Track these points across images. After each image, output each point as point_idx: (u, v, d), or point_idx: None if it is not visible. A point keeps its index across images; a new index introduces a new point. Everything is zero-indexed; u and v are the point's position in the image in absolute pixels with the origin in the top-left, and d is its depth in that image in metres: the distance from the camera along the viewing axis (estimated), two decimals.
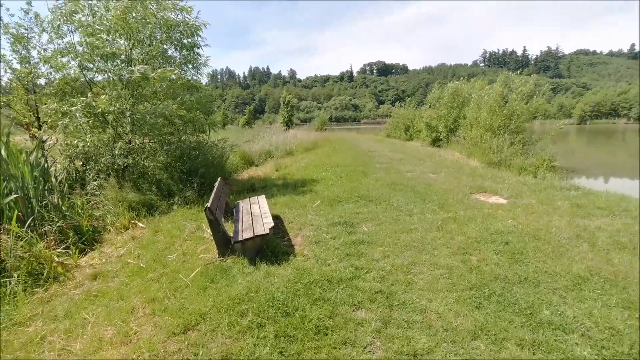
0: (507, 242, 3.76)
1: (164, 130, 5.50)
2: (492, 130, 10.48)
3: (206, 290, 2.87)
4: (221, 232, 3.27)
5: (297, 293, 2.81)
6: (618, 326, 2.28)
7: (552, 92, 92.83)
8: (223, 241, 3.33)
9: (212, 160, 6.80)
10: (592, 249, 3.53)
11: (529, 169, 8.62)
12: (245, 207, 4.35)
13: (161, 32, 5.40)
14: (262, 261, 3.38)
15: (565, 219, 4.45)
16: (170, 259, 3.54)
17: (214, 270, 3.19)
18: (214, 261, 3.37)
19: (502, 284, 2.89)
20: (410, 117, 20.20)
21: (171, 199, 5.35)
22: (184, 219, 4.80)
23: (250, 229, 3.54)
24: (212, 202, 3.30)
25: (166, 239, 4.12)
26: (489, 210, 4.96)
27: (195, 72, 6.37)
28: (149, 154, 5.51)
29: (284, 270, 3.25)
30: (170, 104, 4.91)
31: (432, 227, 4.30)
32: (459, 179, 7.18)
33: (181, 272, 3.21)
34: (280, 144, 12.94)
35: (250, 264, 3.33)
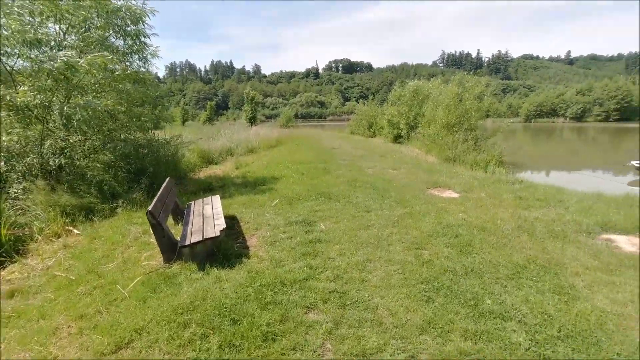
0: (457, 235, 3.91)
1: (106, 126, 5.00)
2: (448, 127, 11.00)
3: (146, 301, 2.64)
4: (166, 236, 3.03)
5: (248, 298, 2.68)
6: (549, 311, 2.44)
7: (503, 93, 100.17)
8: (168, 246, 3.10)
9: (165, 159, 6.36)
10: (531, 238, 3.78)
11: (480, 164, 9.18)
12: (197, 209, 4.11)
13: (98, 16, 4.88)
14: (213, 266, 3.20)
15: (509, 211, 4.75)
16: (108, 268, 3.22)
17: (157, 279, 2.95)
18: (158, 268, 3.12)
19: (450, 277, 2.98)
20: (373, 115, 20.66)
21: (115, 201, 4.91)
22: (129, 223, 4.42)
23: (200, 232, 3.33)
24: (156, 205, 3.05)
25: (105, 246, 3.76)
26: (442, 205, 5.16)
27: (143, 63, 5.88)
28: (89, 153, 4.98)
29: (235, 274, 3.10)
30: (107, 98, 4.45)
31: (388, 223, 4.37)
32: (416, 175, 7.43)
33: (119, 282, 2.93)
34: (242, 141, 12.55)
35: (199, 270, 3.13)
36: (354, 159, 10.10)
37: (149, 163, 5.76)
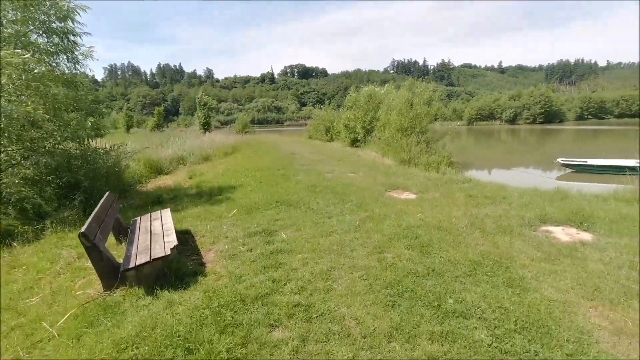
0: (417, 236, 4.00)
1: (27, 135, 4.32)
2: (401, 131, 11.49)
3: (81, 338, 2.27)
4: (105, 259, 2.65)
5: (204, 322, 2.44)
6: (505, 304, 2.55)
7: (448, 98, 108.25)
8: (109, 270, 2.72)
9: (104, 171, 5.70)
10: (483, 234, 4.00)
11: (433, 165, 9.69)
12: (144, 225, 3.71)
13: (14, 8, 4.23)
14: (164, 288, 2.88)
15: (461, 210, 5.00)
16: (31, 302, 2.74)
17: (95, 310, 2.57)
18: (96, 298, 2.72)
19: (413, 279, 3.01)
20: (330, 119, 20.94)
21: (41, 222, 4.26)
22: (60, 246, 3.85)
23: (147, 252, 2.99)
24: (90, 225, 2.66)
25: (28, 276, 3.21)
26: (401, 207, 5.29)
27: (73, 64, 5.23)
28: (5, 167, 4.25)
29: (190, 295, 2.82)
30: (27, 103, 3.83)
31: (350, 228, 4.34)
32: (375, 178, 7.58)
33: (46, 319, 2.50)
34: (195, 148, 11.87)
35: (147, 294, 2.80)
36: (313, 164, 10.07)
37: (85, 176, 5.11)
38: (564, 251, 3.46)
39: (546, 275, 2.99)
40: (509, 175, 12.76)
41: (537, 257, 3.35)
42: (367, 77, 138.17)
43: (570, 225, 4.24)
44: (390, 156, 11.05)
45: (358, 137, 15.97)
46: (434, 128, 14.50)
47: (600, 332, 2.24)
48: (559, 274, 3.00)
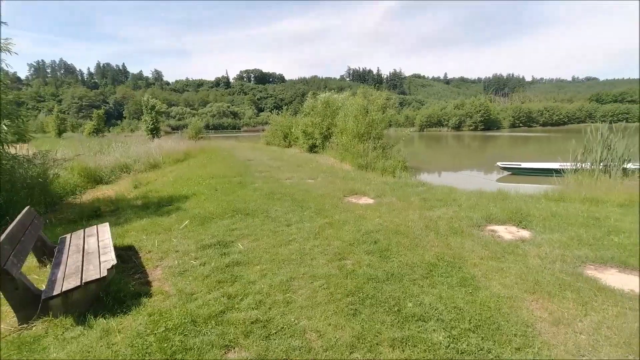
0: (376, 241, 4.04)
1: None
2: (358, 136, 11.76)
3: None
4: (20, 288, 2.25)
5: (149, 350, 2.17)
6: (460, 304, 2.64)
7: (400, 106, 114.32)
8: (26, 300, 2.31)
9: (25, 182, 4.95)
10: (437, 236, 4.16)
11: (389, 170, 10.03)
12: (76, 243, 3.25)
13: None
14: (99, 315, 2.53)
15: (417, 213, 5.19)
16: None
17: (6, 350, 2.15)
18: (7, 334, 2.29)
19: (374, 284, 3.01)
20: (288, 125, 20.83)
21: None
22: None
23: (77, 274, 2.60)
24: (1, 247, 2.24)
25: None
26: (360, 212, 5.34)
27: None
28: None
29: (132, 320, 2.51)
30: None
31: (310, 236, 4.26)
32: (334, 183, 7.62)
33: None
34: (142, 155, 10.96)
35: (78, 324, 2.43)
36: (271, 171, 9.86)
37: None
38: (508, 249, 3.72)
39: (494, 273, 3.17)
40: (457, 178, 13.71)
41: (485, 256, 3.55)
42: (324, 84, 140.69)
43: (512, 224, 4.60)
44: (348, 161, 11.24)
45: (316, 143, 16.06)
46: (389, 134, 15.14)
47: (541, 324, 2.40)
48: (505, 270, 3.20)
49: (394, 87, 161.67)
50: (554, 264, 3.29)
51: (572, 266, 3.23)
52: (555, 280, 2.97)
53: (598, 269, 3.22)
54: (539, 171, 12.23)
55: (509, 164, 13.72)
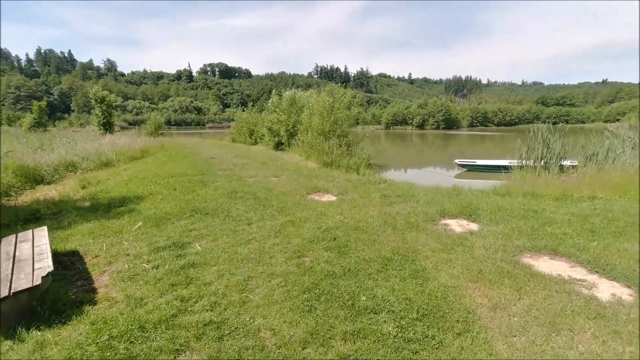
0: (335, 237, 4.11)
1: None
2: (323, 134, 11.85)
3: None
4: None
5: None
6: (410, 295, 2.78)
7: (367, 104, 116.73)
8: None
9: None
10: (394, 231, 4.33)
11: (353, 167, 10.21)
12: (6, 250, 2.95)
13: None
14: (32, 327, 2.33)
15: (377, 209, 5.36)
16: None
17: None
18: None
19: (330, 280, 3.07)
20: (254, 122, 20.45)
21: None
22: None
23: (5, 284, 2.37)
24: None
25: None
26: (322, 209, 5.40)
27: None
28: None
29: (71, 330, 2.35)
30: None
31: (270, 234, 4.24)
32: (298, 181, 7.62)
33: None
34: (91, 152, 10.15)
35: (7, 338, 2.22)
36: (235, 169, 9.64)
37: None
38: (457, 241, 3.97)
39: (443, 264, 3.37)
40: (420, 175, 14.34)
41: (437, 248, 3.76)
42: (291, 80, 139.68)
43: (463, 218, 4.91)
44: (314, 159, 11.30)
45: (282, 140, 15.93)
46: (356, 131, 15.43)
47: (481, 310, 2.61)
48: (453, 261, 3.42)
49: (361, 85, 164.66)
50: (496, 253, 3.57)
51: (511, 255, 3.53)
52: (496, 268, 3.23)
53: (533, 256, 3.54)
54: (491, 168, 13.13)
55: (465, 161, 14.59)
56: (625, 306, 2.56)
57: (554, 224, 4.42)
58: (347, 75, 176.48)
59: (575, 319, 2.44)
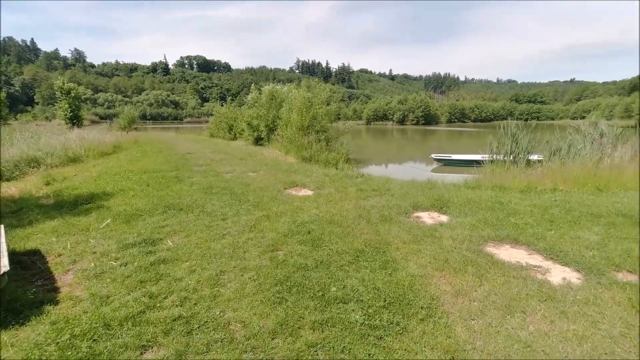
0: (310, 231, 4.16)
1: None
2: (303, 129, 11.83)
3: None
4: None
5: None
6: (379, 285, 2.88)
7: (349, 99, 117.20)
8: None
9: None
10: (368, 224, 4.43)
11: (332, 162, 10.29)
12: None
13: None
14: None
15: (352, 203, 5.44)
16: None
17: None
18: None
19: (303, 273, 3.11)
20: (233, 117, 20.08)
21: None
22: None
23: None
24: None
25: None
26: (298, 203, 5.42)
27: None
28: None
29: (30, 331, 2.27)
30: None
31: (245, 229, 4.23)
32: (275, 176, 7.60)
33: None
34: (57, 147, 9.65)
35: None
36: (212, 164, 9.47)
37: None
38: (427, 232, 4.11)
39: (412, 255, 3.49)
40: (398, 169, 14.65)
41: (407, 240, 3.88)
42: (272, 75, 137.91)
43: (434, 210, 5.08)
44: (293, 154, 11.28)
45: (262, 135, 15.77)
46: (337, 127, 15.49)
47: (445, 296, 2.74)
48: (422, 252, 3.55)
49: (342, 80, 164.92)
50: (462, 243, 3.73)
51: (476, 245, 3.70)
52: (461, 258, 3.38)
53: (496, 245, 3.74)
54: (465, 162, 13.61)
55: (441, 156, 15.02)
56: (573, 289, 2.77)
57: (517, 214, 4.66)
58: (329, 70, 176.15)
59: (528, 302, 2.61)
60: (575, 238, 3.74)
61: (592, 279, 2.91)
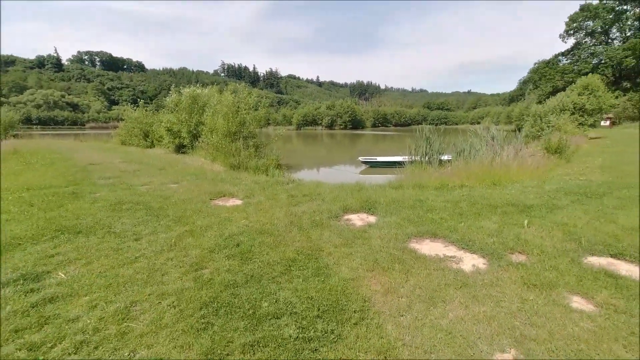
0: (239, 243, 3.89)
1: None
2: (230, 135, 11.26)
3: None
4: None
5: None
6: (312, 294, 2.81)
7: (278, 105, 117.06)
8: None
9: None
10: (300, 231, 4.35)
11: (262, 169, 10.00)
12: None
13: None
14: None
15: (283, 210, 5.31)
16: None
17: None
18: None
19: (231, 290, 2.87)
20: (149, 122, 18.07)
21: None
22: None
23: None
24: None
25: None
26: (226, 215, 5.07)
27: None
28: None
29: None
30: None
31: (164, 248, 3.75)
32: (200, 186, 7.02)
33: None
34: None
35: None
36: (123, 176, 8.30)
37: None
38: (357, 234, 4.22)
39: (344, 258, 3.53)
40: (329, 173, 15.03)
41: (339, 244, 3.92)
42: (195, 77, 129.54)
43: (363, 212, 5.27)
44: (220, 162, 10.63)
45: (184, 142, 14.52)
46: (268, 132, 15.17)
47: (376, 296, 2.81)
48: (353, 254, 3.61)
49: (271, 86, 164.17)
50: (389, 242, 3.93)
51: (401, 242, 3.93)
52: (389, 256, 3.55)
53: (418, 241, 4.03)
54: (389, 164, 14.71)
55: (367, 158, 15.97)
56: (481, 273, 3.13)
57: (435, 210, 5.14)
58: (257, 75, 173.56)
59: (447, 291, 2.85)
60: (480, 228, 4.27)
61: (494, 263, 3.33)
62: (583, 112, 21.58)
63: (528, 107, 33.29)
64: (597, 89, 22.24)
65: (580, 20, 44.27)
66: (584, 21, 44.07)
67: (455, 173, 8.38)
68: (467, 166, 9.04)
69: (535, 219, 4.58)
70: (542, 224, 4.33)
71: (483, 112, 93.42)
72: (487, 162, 9.15)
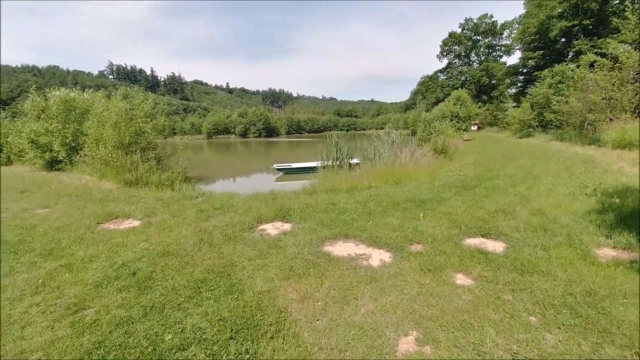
0: (135, 271, 3.37)
1: None
2: (123, 147, 9.79)
3: None
4: None
5: None
6: (224, 314, 2.60)
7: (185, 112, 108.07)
8: None
9: None
10: (210, 248, 4.02)
11: (166, 183, 8.98)
12: None
13: None
14: None
15: (191, 227, 4.85)
16: None
17: None
18: None
19: (125, 329, 2.44)
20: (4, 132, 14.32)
21: None
22: None
23: None
24: None
25: None
26: (119, 239, 4.34)
27: None
28: None
29: None
30: None
31: (26, 292, 2.97)
32: (83, 209, 5.87)
33: None
34: None
35: None
36: None
37: None
38: (272, 244, 4.13)
39: (259, 271, 3.39)
40: (244, 182, 14.49)
41: (253, 256, 3.76)
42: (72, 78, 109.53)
43: (278, 220, 5.20)
44: (111, 178, 9.12)
45: (59, 157, 11.96)
46: (174, 142, 13.70)
47: (292, 305, 2.77)
48: (268, 265, 3.51)
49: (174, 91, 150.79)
50: (304, 248, 3.95)
51: (315, 246, 4.00)
52: (304, 262, 3.56)
53: (332, 243, 4.16)
54: (304, 169, 15.04)
55: (282, 165, 16.02)
56: (387, 266, 3.41)
57: (346, 212, 5.42)
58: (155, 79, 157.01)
59: (359, 288, 3.00)
60: (385, 224, 4.68)
61: (397, 255, 3.68)
62: (458, 119, 26.26)
63: (419, 115, 38.78)
64: (466, 100, 27.41)
65: (450, 44, 54.02)
66: (452, 45, 53.95)
67: (363, 175, 9.09)
68: (373, 168, 9.91)
69: (429, 211, 5.27)
70: (433, 215, 5.01)
71: (385, 119, 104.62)
72: (390, 163, 10.22)
